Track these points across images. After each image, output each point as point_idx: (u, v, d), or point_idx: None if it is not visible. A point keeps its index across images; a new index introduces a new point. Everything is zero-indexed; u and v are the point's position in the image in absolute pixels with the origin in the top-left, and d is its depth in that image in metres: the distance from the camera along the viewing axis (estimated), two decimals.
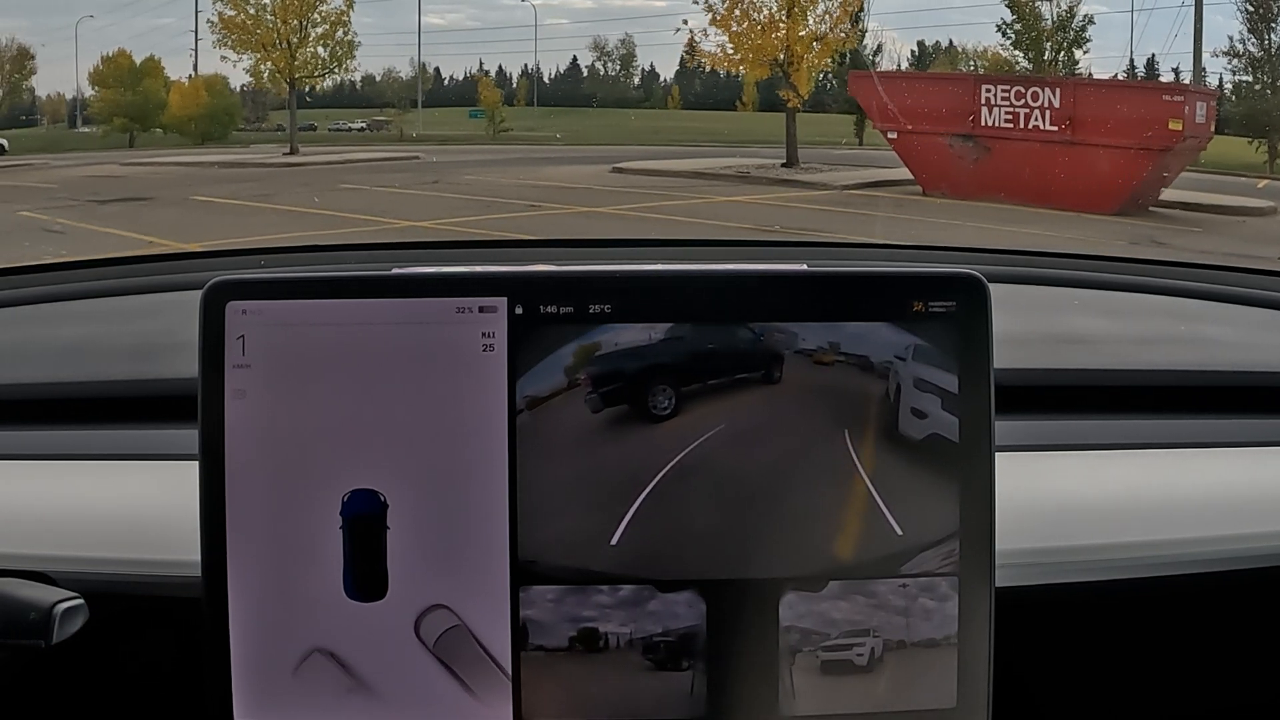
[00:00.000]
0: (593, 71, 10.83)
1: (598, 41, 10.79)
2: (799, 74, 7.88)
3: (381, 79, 10.33)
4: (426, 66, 10.61)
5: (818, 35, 7.93)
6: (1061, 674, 0.86)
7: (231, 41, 8.51)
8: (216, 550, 0.65)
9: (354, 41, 8.69)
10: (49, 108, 10.23)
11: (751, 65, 8.24)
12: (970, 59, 9.59)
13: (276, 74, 8.67)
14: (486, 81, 10.44)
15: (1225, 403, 1.02)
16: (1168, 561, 0.83)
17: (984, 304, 0.67)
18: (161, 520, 0.79)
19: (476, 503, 0.65)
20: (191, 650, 0.68)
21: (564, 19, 12.94)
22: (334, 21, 8.57)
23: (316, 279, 0.66)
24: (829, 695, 0.67)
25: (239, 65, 8.82)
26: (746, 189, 7.35)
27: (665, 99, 10.67)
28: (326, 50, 8.65)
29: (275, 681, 0.66)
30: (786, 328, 0.67)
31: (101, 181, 7.67)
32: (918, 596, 0.67)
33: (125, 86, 9.61)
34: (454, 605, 0.66)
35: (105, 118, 9.72)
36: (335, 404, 0.65)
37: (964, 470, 0.67)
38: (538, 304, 0.66)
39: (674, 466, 0.66)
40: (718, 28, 8.01)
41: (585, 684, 0.66)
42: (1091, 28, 8.75)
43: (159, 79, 9.73)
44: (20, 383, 1.03)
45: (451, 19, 12.88)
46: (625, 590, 0.66)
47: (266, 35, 8.44)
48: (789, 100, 7.97)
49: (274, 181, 7.89)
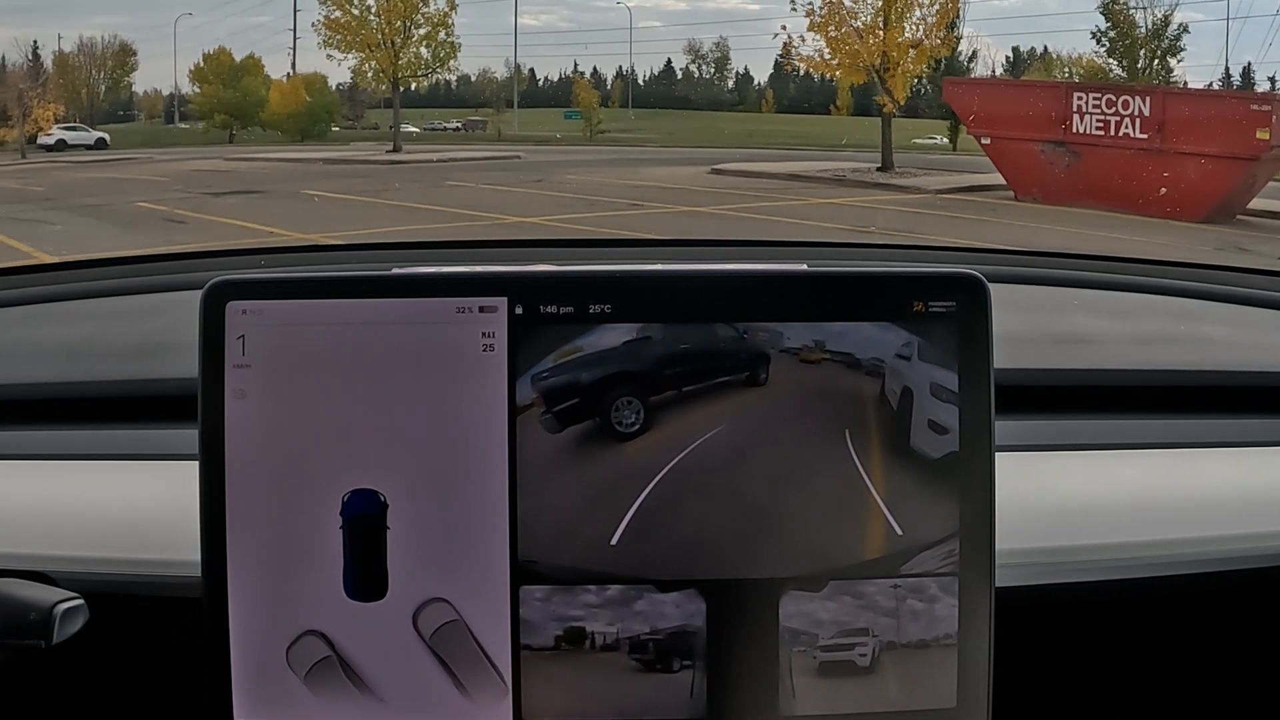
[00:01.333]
0: (687, 74, 10.90)
1: (692, 44, 10.85)
2: (895, 80, 7.97)
3: (477, 79, 10.43)
4: (521, 67, 10.69)
5: (914, 41, 8.01)
6: (1061, 674, 0.86)
7: (336, 41, 8.78)
8: (216, 550, 0.65)
9: (456, 43, 8.94)
10: (146, 103, 10.46)
11: (847, 70, 8.32)
12: (1065, 66, 9.68)
13: (380, 73, 8.88)
14: (583, 83, 10.53)
15: (1225, 403, 1.02)
16: (1168, 561, 0.83)
17: (984, 304, 0.67)
18: (161, 520, 0.79)
19: (476, 503, 0.65)
20: (191, 650, 0.68)
21: (657, 21, 13.04)
22: (436, 23, 8.80)
23: (317, 279, 0.66)
24: (829, 695, 0.67)
25: (344, 64, 9.09)
26: (842, 192, 7.51)
27: (759, 102, 10.71)
28: (429, 51, 8.87)
29: (275, 681, 0.65)
30: (770, 327, 0.66)
31: (209, 175, 7.93)
32: (918, 597, 0.67)
33: (225, 83, 9.85)
34: (454, 605, 0.66)
35: (206, 114, 9.96)
36: (335, 404, 0.65)
37: (964, 470, 0.67)
38: (538, 304, 0.66)
39: (674, 466, 0.66)
40: (815, 32, 8.08)
41: (585, 684, 0.66)
42: (1186, 36, 8.84)
43: (259, 76, 9.97)
44: (20, 383, 1.03)
45: (545, 20, 12.96)
46: (625, 590, 0.66)
47: (371, 36, 8.67)
48: (884, 105, 8.05)
49: (381, 178, 8.12)
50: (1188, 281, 1.33)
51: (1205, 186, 6.70)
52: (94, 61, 9.82)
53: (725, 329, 0.66)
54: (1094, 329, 1.23)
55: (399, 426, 0.65)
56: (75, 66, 9.73)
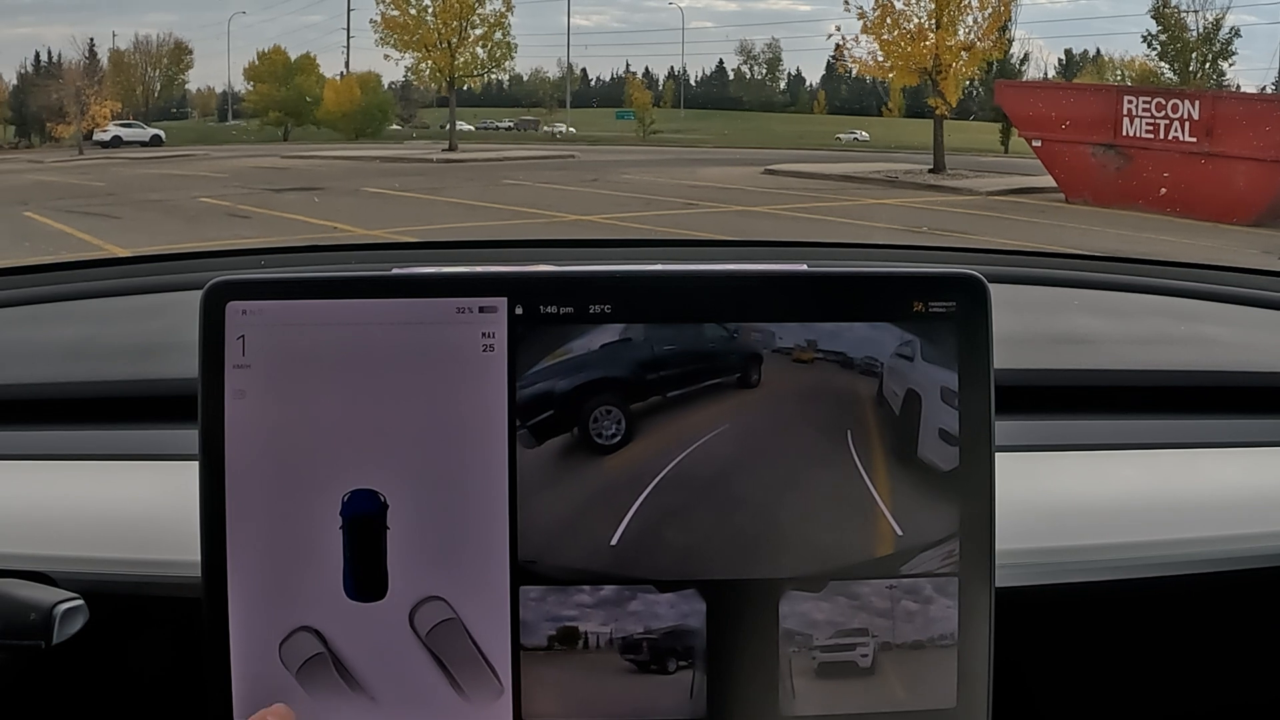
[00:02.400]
0: (739, 75, 10.92)
1: (744, 45, 10.89)
2: (947, 82, 8.06)
3: (529, 78, 10.48)
4: (573, 67, 10.74)
5: (966, 44, 8.07)
6: (1061, 674, 0.86)
7: (394, 41, 8.90)
8: (216, 550, 0.65)
9: (512, 43, 9.08)
10: (199, 101, 10.54)
11: (900, 73, 8.37)
12: (1116, 69, 9.75)
13: (437, 73, 8.99)
14: (637, 83, 10.61)
15: (1225, 403, 1.02)
16: (1168, 561, 0.83)
17: (984, 304, 0.67)
18: (161, 520, 0.79)
19: (476, 503, 0.65)
20: (191, 650, 0.68)
21: (709, 22, 13.12)
22: (493, 24, 8.94)
23: (317, 279, 0.66)
24: (829, 695, 0.67)
25: (400, 63, 9.21)
26: (895, 193, 7.62)
27: (811, 103, 10.72)
28: (485, 51, 9.01)
29: (275, 681, 0.65)
30: (764, 327, 0.66)
31: (267, 173, 8.11)
32: (918, 597, 0.67)
33: (280, 82, 9.98)
34: (454, 605, 0.66)
35: (260, 112, 10.08)
36: (335, 404, 0.65)
37: (964, 470, 0.67)
38: (538, 304, 0.66)
39: (674, 467, 0.66)
40: (868, 35, 8.14)
41: (585, 684, 0.66)
42: (1238, 40, 8.87)
43: (313, 75, 10.12)
44: (20, 383, 1.03)
45: (597, 20, 13.07)
46: (624, 590, 0.66)
47: (428, 35, 8.77)
48: (937, 108, 8.11)
49: (438, 176, 8.26)
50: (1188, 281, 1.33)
51: (1256, 190, 6.74)
52: (149, 59, 10.02)
53: (714, 329, 0.65)
54: (1094, 329, 1.23)
55: (399, 426, 0.65)
56: (131, 64, 9.91)
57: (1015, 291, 1.27)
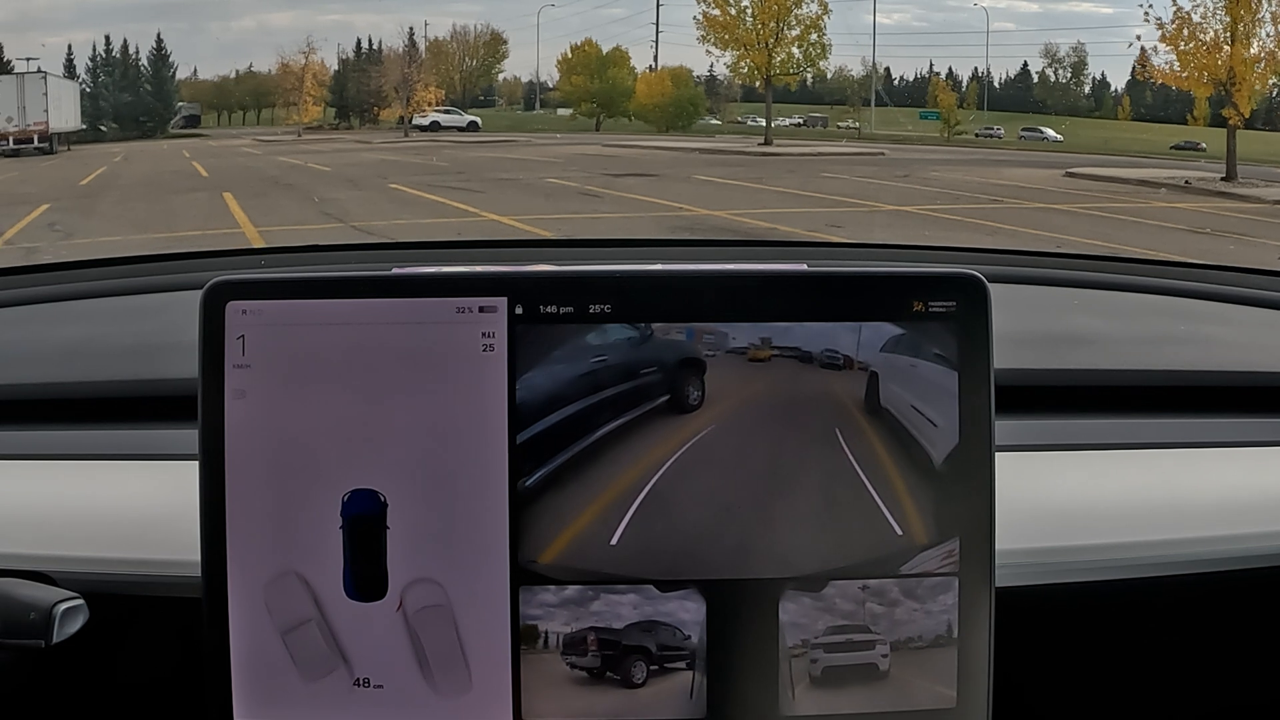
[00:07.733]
0: (1043, 78, 10.83)
1: (1049, 48, 10.79)
2: (1240, 93, 8.08)
3: (833, 76, 10.57)
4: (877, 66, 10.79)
5: (1260, 57, 8.11)
6: (1061, 674, 0.86)
7: (714, 38, 9.23)
8: (216, 550, 0.65)
9: (827, 44, 9.32)
10: (505, 90, 10.87)
11: (1195, 83, 8.44)
12: None
13: (755, 70, 9.29)
14: (943, 84, 10.62)
15: (1225, 403, 1.02)
16: (1168, 562, 0.83)
17: (984, 304, 0.67)
18: (161, 520, 0.79)
19: (476, 503, 0.65)
20: (191, 650, 0.68)
21: (1010, 23, 13.08)
22: (809, 25, 9.21)
23: (317, 279, 0.66)
24: (829, 695, 0.67)
25: (721, 60, 9.64)
26: (1186, 198, 7.69)
27: (1115, 109, 10.68)
28: (800, 51, 9.28)
29: (275, 681, 0.65)
30: (717, 328, 0.66)
31: (598, 159, 8.62)
32: (917, 597, 0.67)
33: (592, 74, 10.29)
34: (454, 605, 0.66)
35: (574, 102, 10.42)
36: (335, 404, 0.65)
37: (964, 470, 0.67)
38: (538, 304, 0.66)
39: (673, 466, 0.66)
40: (1165, 45, 8.21)
41: (585, 684, 0.66)
42: None
43: (624, 68, 10.41)
44: (20, 383, 1.03)
45: (898, 19, 13.02)
46: (625, 590, 0.66)
47: (746, 35, 9.09)
48: (1230, 118, 8.17)
49: (759, 168, 8.64)
50: (1188, 281, 1.33)
51: None
52: (466, 48, 10.37)
53: (676, 329, 0.66)
54: (1094, 329, 1.23)
55: (399, 426, 0.65)
56: (449, 52, 10.26)
57: (1015, 291, 1.27)
